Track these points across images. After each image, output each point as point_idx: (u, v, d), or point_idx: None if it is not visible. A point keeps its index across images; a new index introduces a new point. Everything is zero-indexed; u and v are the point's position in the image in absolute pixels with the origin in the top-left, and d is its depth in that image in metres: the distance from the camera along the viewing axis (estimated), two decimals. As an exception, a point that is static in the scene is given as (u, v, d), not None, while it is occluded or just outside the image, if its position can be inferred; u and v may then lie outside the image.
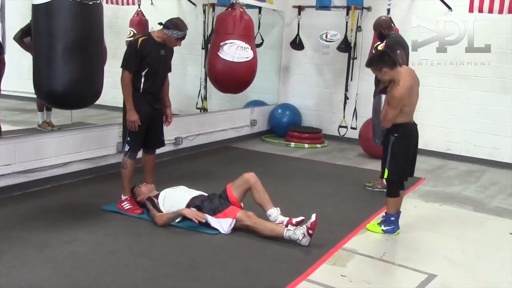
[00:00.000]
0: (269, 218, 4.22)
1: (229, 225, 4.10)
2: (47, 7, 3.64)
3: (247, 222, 4.07)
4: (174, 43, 4.55)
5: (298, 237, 3.90)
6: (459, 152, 7.63)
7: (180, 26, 4.49)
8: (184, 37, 4.55)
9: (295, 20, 8.68)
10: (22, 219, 4.19)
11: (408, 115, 4.24)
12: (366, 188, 5.77)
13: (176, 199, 4.35)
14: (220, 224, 4.12)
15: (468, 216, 5.07)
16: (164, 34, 4.49)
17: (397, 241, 4.28)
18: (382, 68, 4.14)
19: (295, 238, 3.91)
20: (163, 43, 4.54)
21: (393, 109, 4.13)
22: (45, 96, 3.94)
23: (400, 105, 4.12)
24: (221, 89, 6.23)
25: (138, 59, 4.41)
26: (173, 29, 4.45)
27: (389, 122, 4.19)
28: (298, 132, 8.23)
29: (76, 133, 5.45)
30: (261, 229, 4.03)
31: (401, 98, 4.11)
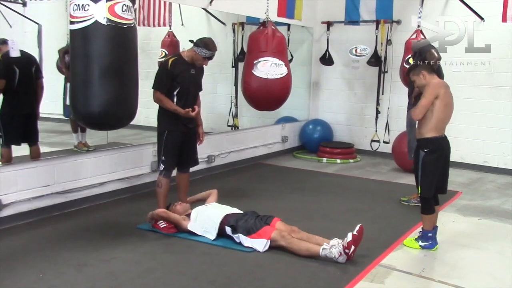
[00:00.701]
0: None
1: (264, 245, 4.08)
2: (83, 32, 3.76)
3: (282, 242, 4.05)
4: (201, 61, 4.62)
5: (335, 255, 3.86)
6: (496, 164, 7.45)
7: (210, 46, 4.57)
8: (211, 57, 4.62)
9: (324, 35, 8.70)
10: (61, 239, 4.28)
11: (439, 129, 4.17)
12: (402, 203, 5.68)
13: (209, 217, 4.36)
14: (254, 244, 4.10)
15: (509, 230, 4.92)
16: (193, 52, 4.57)
17: (436, 257, 4.18)
18: (420, 71, 4.18)
19: (331, 256, 3.87)
20: (193, 62, 4.62)
21: (427, 97, 4.09)
22: (82, 118, 4.04)
23: (434, 94, 4.08)
24: (257, 107, 6.26)
25: (169, 79, 4.50)
26: (202, 47, 4.54)
27: (420, 111, 4.11)
28: (330, 148, 8.19)
29: (112, 153, 5.55)
30: (296, 249, 4.00)
31: (436, 87, 4.10)
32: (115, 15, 3.74)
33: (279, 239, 4.05)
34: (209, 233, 4.29)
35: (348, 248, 3.84)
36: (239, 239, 4.17)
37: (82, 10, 3.72)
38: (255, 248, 4.08)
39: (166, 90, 4.52)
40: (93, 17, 3.71)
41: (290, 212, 5.17)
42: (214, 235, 4.27)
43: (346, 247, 3.84)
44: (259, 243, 4.08)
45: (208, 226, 4.31)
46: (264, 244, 4.07)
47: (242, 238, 4.15)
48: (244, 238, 4.14)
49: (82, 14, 3.72)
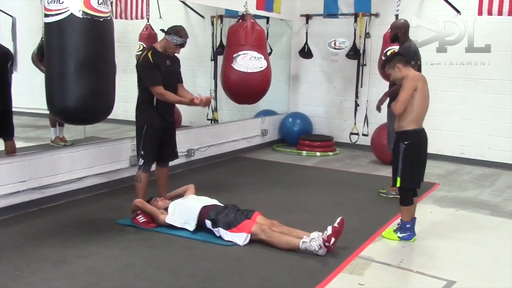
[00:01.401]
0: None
1: (244, 239, 4.07)
2: (59, 25, 3.69)
3: (262, 236, 4.05)
4: (173, 49, 4.58)
5: (314, 248, 3.87)
6: (473, 156, 7.57)
7: (181, 33, 4.54)
8: (183, 44, 4.58)
9: (303, 28, 8.71)
10: (38, 235, 4.21)
11: (418, 121, 4.22)
12: (380, 195, 5.73)
13: (187, 208, 4.35)
14: (235, 238, 4.10)
15: (485, 220, 5.01)
16: (165, 40, 4.53)
17: (414, 248, 4.24)
18: (395, 64, 4.19)
19: (311, 249, 3.89)
20: (166, 53, 4.58)
21: (406, 91, 4.13)
22: (58, 112, 3.98)
23: (413, 87, 4.12)
24: (236, 101, 6.24)
25: (157, 71, 4.46)
26: (173, 34, 4.51)
27: (400, 105, 4.15)
28: (309, 141, 8.22)
29: (90, 148, 5.49)
30: (276, 242, 4.01)
31: (415, 80, 4.14)
32: (91, 8, 3.68)
33: (260, 233, 4.06)
34: (188, 224, 4.28)
35: (328, 241, 3.86)
36: (219, 233, 4.16)
37: (57, 3, 3.65)
38: (235, 242, 4.08)
39: (162, 82, 4.48)
40: (68, 10, 3.64)
41: (270, 205, 5.18)
42: (194, 226, 4.26)
43: (326, 240, 3.86)
44: (239, 237, 4.08)
45: (187, 218, 4.29)
46: (244, 238, 4.07)
47: (222, 232, 4.14)
48: (224, 232, 4.13)
49: (57, 6, 3.65)
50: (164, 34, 4.58)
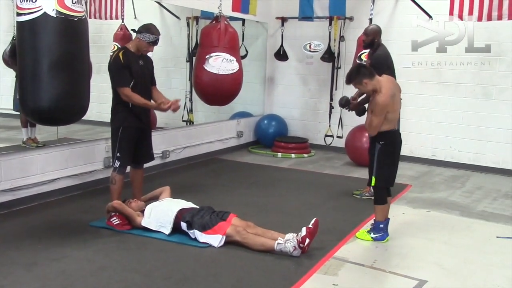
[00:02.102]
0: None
1: (219, 241, 4.08)
2: (31, 24, 3.64)
3: (237, 237, 4.06)
4: (146, 47, 4.54)
5: (289, 249, 3.90)
6: (444, 158, 7.72)
7: (152, 30, 4.51)
8: (156, 42, 4.54)
9: (278, 31, 8.75)
10: (9, 238, 4.13)
11: (393, 122, 4.30)
12: (354, 196, 5.80)
13: (164, 211, 4.33)
14: (210, 240, 4.10)
15: (455, 221, 5.12)
16: (137, 40, 4.50)
17: (387, 248, 4.30)
18: (362, 80, 4.18)
19: (286, 251, 3.92)
20: (139, 53, 4.55)
21: (377, 116, 4.17)
22: (31, 113, 3.91)
23: (384, 112, 4.17)
24: (207, 102, 6.23)
25: (127, 72, 4.41)
26: (145, 32, 4.48)
27: (374, 129, 4.23)
28: (284, 142, 8.26)
29: (62, 149, 5.41)
30: (251, 243, 4.02)
31: (385, 105, 4.16)
32: (64, 7, 3.64)
33: (235, 234, 4.07)
34: (164, 227, 4.26)
35: (302, 242, 3.89)
36: (194, 235, 4.16)
37: (30, 2, 3.60)
38: (210, 244, 4.08)
39: (130, 83, 4.43)
40: (41, 9, 3.60)
41: (245, 207, 5.19)
42: (169, 230, 4.24)
43: (300, 242, 3.89)
44: (214, 238, 4.08)
45: (163, 221, 4.27)
46: (219, 239, 4.07)
47: (198, 234, 4.14)
48: (199, 234, 4.13)
49: (30, 5, 3.60)
50: (136, 34, 4.55)
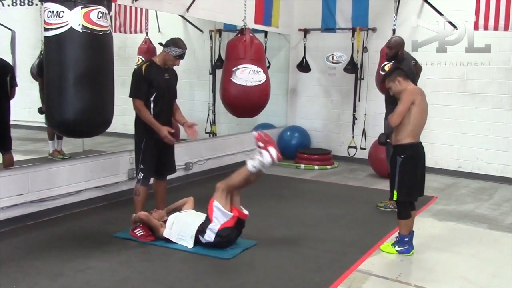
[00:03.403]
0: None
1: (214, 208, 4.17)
2: (58, 38, 3.72)
3: (223, 188, 4.17)
4: (173, 61, 4.60)
5: (258, 158, 4.02)
6: (470, 169, 7.59)
7: (179, 44, 4.57)
8: (182, 55, 4.60)
9: (301, 43, 8.77)
10: (35, 249, 4.20)
11: (416, 134, 4.24)
12: (378, 208, 5.73)
13: (186, 224, 4.34)
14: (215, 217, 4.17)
15: (483, 234, 5.01)
16: (164, 53, 4.56)
17: (412, 262, 4.23)
18: (396, 77, 4.22)
19: (257, 163, 4.04)
20: (165, 66, 4.61)
21: (403, 103, 4.15)
22: (56, 125, 3.99)
23: (410, 100, 4.14)
24: (236, 114, 6.25)
25: (145, 85, 4.47)
26: (172, 46, 4.54)
27: (397, 117, 4.17)
28: (307, 154, 8.23)
29: (87, 161, 5.49)
30: (234, 182, 4.16)
31: (413, 93, 4.16)
32: (90, 22, 3.71)
33: (220, 188, 4.19)
34: (184, 241, 4.27)
35: (258, 139, 4.11)
36: (208, 236, 4.16)
37: (57, 17, 3.68)
38: (217, 219, 4.15)
39: (144, 97, 4.49)
40: (68, 24, 3.68)
41: (268, 219, 5.18)
42: (191, 244, 4.24)
43: (258, 145, 4.10)
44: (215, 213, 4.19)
45: (184, 234, 4.28)
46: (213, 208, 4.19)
47: (209, 229, 4.16)
48: (210, 229, 4.16)
49: (56, 20, 3.69)
50: (163, 47, 4.61)
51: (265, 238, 4.59)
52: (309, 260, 4.12)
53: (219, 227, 4.15)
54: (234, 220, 4.19)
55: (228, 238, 4.19)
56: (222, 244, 4.19)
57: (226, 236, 4.17)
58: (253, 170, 4.12)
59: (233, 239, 4.25)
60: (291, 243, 4.51)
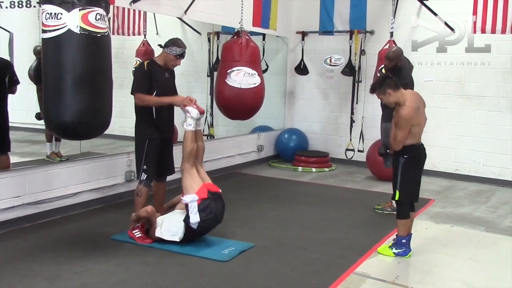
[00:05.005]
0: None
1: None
2: (56, 40, 3.71)
3: (184, 167, 4.42)
4: (173, 61, 4.61)
5: (187, 116, 4.44)
6: (467, 172, 7.60)
7: (179, 43, 4.59)
8: (183, 55, 4.62)
9: (299, 45, 8.78)
10: (32, 251, 4.19)
11: (417, 136, 4.25)
12: (376, 211, 5.74)
13: (173, 219, 4.36)
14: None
15: (480, 236, 5.02)
16: (164, 54, 4.57)
17: (410, 264, 4.23)
18: (385, 90, 4.17)
19: (189, 119, 4.45)
20: (166, 66, 4.62)
21: (402, 129, 4.13)
22: (55, 127, 3.98)
23: (409, 125, 4.12)
24: (230, 116, 6.25)
25: (147, 80, 4.49)
26: (172, 46, 4.55)
27: (399, 144, 4.18)
28: (305, 157, 8.24)
29: (85, 163, 5.48)
30: (187, 151, 4.45)
31: (409, 118, 4.12)
32: (88, 23, 3.71)
33: (183, 172, 4.45)
34: (176, 235, 4.29)
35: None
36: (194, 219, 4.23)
37: (55, 19, 3.67)
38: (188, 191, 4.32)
39: (146, 91, 4.49)
40: (66, 26, 3.67)
41: (265, 221, 5.18)
42: (181, 235, 4.27)
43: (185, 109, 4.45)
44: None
45: (174, 229, 4.31)
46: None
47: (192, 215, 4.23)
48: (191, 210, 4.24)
49: (54, 22, 3.68)
50: (162, 48, 4.62)
51: (262, 240, 4.59)
52: (306, 262, 4.12)
53: (197, 201, 4.21)
54: (205, 191, 4.28)
55: (211, 209, 4.25)
56: (210, 217, 4.25)
57: (207, 206, 4.23)
58: (190, 127, 4.46)
59: (216, 210, 4.30)
60: (288, 245, 4.51)
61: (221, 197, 4.45)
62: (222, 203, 4.43)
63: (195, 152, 4.52)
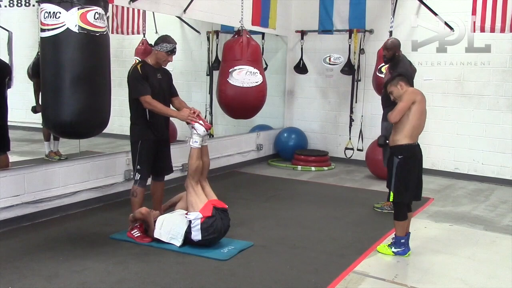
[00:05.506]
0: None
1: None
2: (54, 39, 3.71)
3: (189, 183, 4.35)
4: (165, 57, 4.58)
5: (193, 133, 4.38)
6: (466, 171, 7.60)
7: (168, 39, 4.57)
8: (174, 50, 4.59)
9: (298, 44, 8.78)
10: (31, 250, 4.19)
11: (414, 136, 4.25)
12: (375, 210, 5.74)
13: (175, 223, 4.35)
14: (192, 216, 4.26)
15: (479, 235, 5.02)
16: (155, 52, 4.55)
17: (409, 263, 4.23)
18: (398, 82, 4.27)
19: (195, 136, 4.39)
20: (158, 66, 4.60)
21: (404, 102, 4.19)
22: (53, 126, 3.98)
23: (411, 100, 4.17)
24: (232, 116, 6.25)
25: (145, 82, 4.46)
26: (161, 43, 4.53)
27: (396, 115, 4.20)
28: (304, 155, 8.24)
29: (84, 162, 5.48)
30: (192, 168, 4.35)
31: (413, 92, 4.22)
32: (87, 23, 3.71)
33: (187, 189, 4.37)
34: (175, 239, 4.28)
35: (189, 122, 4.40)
36: (196, 236, 4.19)
37: (53, 18, 3.68)
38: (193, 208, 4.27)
39: (151, 92, 4.46)
40: (64, 25, 3.67)
41: (265, 220, 5.18)
42: (180, 242, 4.25)
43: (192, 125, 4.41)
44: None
45: (174, 233, 4.30)
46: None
47: (194, 232, 4.20)
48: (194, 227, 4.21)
49: (53, 21, 3.68)
50: (153, 47, 4.61)
51: (261, 239, 4.59)
52: (305, 261, 4.12)
53: (201, 220, 4.17)
54: (210, 208, 4.23)
55: (214, 229, 4.19)
56: (212, 237, 4.21)
57: (211, 226, 4.17)
58: (196, 144, 4.39)
59: (220, 228, 4.24)
60: (287, 244, 4.51)
61: (227, 213, 4.38)
62: (228, 220, 4.36)
63: (200, 169, 4.44)
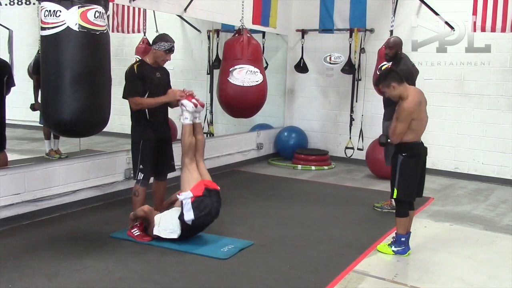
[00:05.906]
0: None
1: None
2: (55, 38, 3.71)
3: (184, 161, 4.44)
4: (163, 56, 4.57)
5: (182, 110, 4.42)
6: (467, 170, 7.60)
7: (166, 38, 4.57)
8: (172, 49, 4.59)
9: (298, 43, 8.77)
10: (31, 248, 4.19)
11: (417, 134, 4.25)
12: (375, 209, 5.74)
13: (169, 217, 4.36)
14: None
15: (479, 235, 5.02)
16: (153, 51, 4.55)
17: (409, 262, 4.23)
18: (390, 83, 4.17)
19: (185, 113, 4.44)
20: (156, 65, 4.60)
21: (402, 122, 4.12)
22: (53, 125, 3.98)
23: (409, 119, 4.12)
24: (233, 115, 6.25)
25: (139, 83, 4.46)
26: (159, 42, 4.53)
27: (398, 136, 4.17)
28: (304, 155, 8.23)
29: (84, 160, 5.48)
30: (185, 144, 4.45)
31: (411, 112, 4.12)
32: (87, 21, 3.71)
33: (182, 167, 4.46)
34: (173, 233, 4.29)
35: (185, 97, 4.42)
36: (188, 216, 4.21)
37: (54, 16, 3.67)
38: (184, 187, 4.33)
39: (141, 93, 4.48)
40: (64, 23, 3.67)
41: (265, 219, 5.18)
42: (179, 232, 4.27)
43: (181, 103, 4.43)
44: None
45: (171, 227, 4.31)
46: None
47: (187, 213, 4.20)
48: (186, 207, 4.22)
49: (53, 20, 3.67)
50: (151, 46, 4.61)
51: (261, 238, 4.59)
52: (305, 260, 4.12)
53: (191, 199, 4.19)
54: (202, 188, 4.26)
55: (205, 205, 4.22)
56: (204, 216, 4.23)
57: (201, 203, 4.20)
58: (187, 121, 4.45)
59: (211, 206, 4.27)
60: (287, 243, 4.51)
61: (218, 194, 4.43)
62: (218, 199, 4.41)
63: (193, 146, 4.50)
